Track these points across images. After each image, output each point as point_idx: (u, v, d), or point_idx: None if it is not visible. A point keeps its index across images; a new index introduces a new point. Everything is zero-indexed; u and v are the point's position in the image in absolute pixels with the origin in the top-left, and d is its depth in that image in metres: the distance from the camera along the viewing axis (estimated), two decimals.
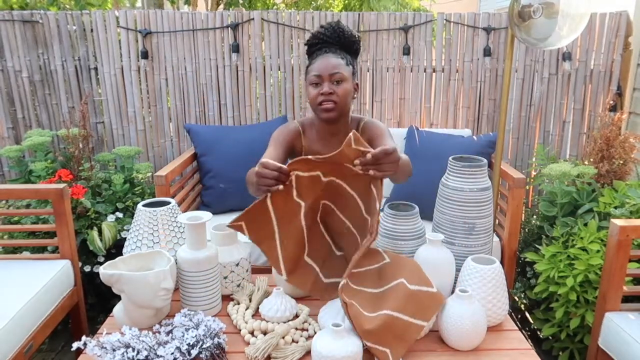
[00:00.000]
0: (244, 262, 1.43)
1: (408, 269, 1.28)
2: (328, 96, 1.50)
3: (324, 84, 1.50)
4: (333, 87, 1.51)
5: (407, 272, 1.26)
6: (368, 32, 2.74)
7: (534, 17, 1.83)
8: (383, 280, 1.29)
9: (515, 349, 1.22)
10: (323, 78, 1.51)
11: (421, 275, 1.25)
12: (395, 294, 1.22)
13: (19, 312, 1.56)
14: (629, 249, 1.56)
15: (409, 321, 1.17)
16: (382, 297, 1.23)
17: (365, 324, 1.14)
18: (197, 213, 1.35)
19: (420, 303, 1.20)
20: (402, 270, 1.28)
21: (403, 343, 1.16)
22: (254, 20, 2.72)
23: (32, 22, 2.73)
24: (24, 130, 2.86)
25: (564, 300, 1.80)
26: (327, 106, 1.50)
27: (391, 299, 1.21)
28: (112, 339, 1.09)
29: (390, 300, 1.20)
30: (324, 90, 1.50)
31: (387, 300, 1.21)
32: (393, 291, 1.23)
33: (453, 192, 1.40)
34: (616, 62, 2.68)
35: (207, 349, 1.12)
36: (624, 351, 1.49)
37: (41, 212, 1.96)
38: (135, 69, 2.78)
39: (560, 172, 2.06)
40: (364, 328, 1.13)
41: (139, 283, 1.20)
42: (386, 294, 1.24)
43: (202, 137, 2.50)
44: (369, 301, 1.23)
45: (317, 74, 1.51)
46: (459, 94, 2.82)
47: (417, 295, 1.21)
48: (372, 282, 1.31)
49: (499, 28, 2.70)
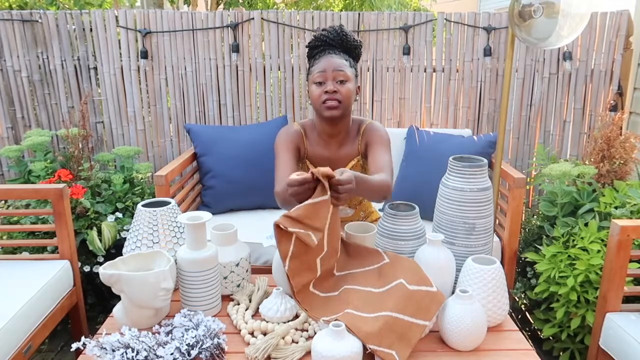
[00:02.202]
0: (244, 262, 1.42)
1: (407, 268, 1.27)
2: (332, 94, 1.50)
3: (328, 83, 1.51)
4: (337, 86, 1.51)
5: (407, 272, 1.26)
6: (368, 32, 2.73)
7: (534, 16, 1.83)
8: (383, 281, 1.28)
9: (515, 349, 1.21)
10: (327, 77, 1.51)
11: (421, 274, 1.25)
12: (395, 294, 1.21)
13: (18, 312, 1.55)
14: (629, 249, 1.55)
15: (410, 321, 1.17)
16: (382, 298, 1.23)
17: (365, 327, 1.13)
18: (197, 213, 1.34)
19: (421, 303, 1.20)
20: (401, 270, 1.28)
21: (407, 343, 1.15)
22: (254, 20, 2.72)
23: (31, 22, 2.72)
24: (23, 130, 2.86)
25: (565, 300, 1.80)
26: (331, 104, 1.50)
27: (391, 299, 1.20)
28: (111, 340, 1.09)
29: (390, 301, 1.20)
30: (328, 88, 1.50)
31: (387, 301, 1.21)
32: (393, 292, 1.23)
33: (453, 192, 1.40)
34: (617, 62, 2.68)
35: (207, 350, 1.12)
36: (624, 351, 1.49)
37: (41, 212, 1.95)
38: (135, 69, 2.77)
39: (561, 172, 2.06)
40: (364, 330, 1.12)
41: (139, 283, 1.20)
42: (386, 294, 1.23)
43: (202, 137, 2.50)
44: (368, 301, 1.23)
45: (322, 72, 1.51)
46: (459, 94, 2.82)
47: (417, 295, 1.20)
48: (372, 282, 1.30)
49: (499, 28, 2.69)
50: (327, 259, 1.34)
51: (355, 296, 1.26)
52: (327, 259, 1.33)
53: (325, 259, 1.33)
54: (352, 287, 1.31)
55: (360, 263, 1.38)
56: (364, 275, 1.34)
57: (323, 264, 1.33)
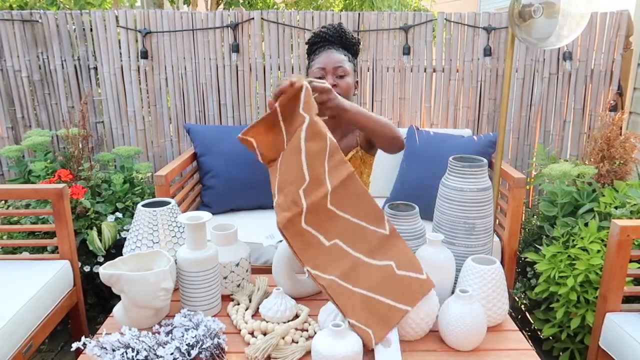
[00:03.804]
0: (244, 262, 1.42)
1: (400, 252, 1.24)
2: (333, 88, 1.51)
3: (328, 77, 1.53)
4: (337, 80, 1.53)
5: (399, 255, 1.24)
6: (368, 32, 2.73)
7: (534, 16, 1.83)
8: (374, 253, 1.24)
9: (515, 349, 1.21)
10: (327, 71, 1.53)
11: (413, 260, 1.23)
12: (380, 274, 1.21)
13: (18, 312, 1.56)
14: (629, 249, 1.55)
15: (391, 304, 1.17)
16: (368, 272, 1.22)
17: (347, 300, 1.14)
18: (197, 213, 1.34)
19: (407, 288, 1.19)
20: (394, 251, 1.24)
21: (385, 325, 1.15)
22: (254, 20, 2.72)
23: (31, 22, 2.72)
24: (23, 130, 2.86)
25: (565, 300, 1.80)
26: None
27: (375, 278, 1.20)
28: (111, 339, 1.09)
29: (374, 280, 1.19)
30: (328, 82, 1.51)
31: (372, 277, 1.20)
32: (379, 270, 1.22)
33: (453, 192, 1.40)
34: (617, 62, 2.68)
35: (207, 349, 1.12)
36: (624, 352, 1.49)
37: (41, 212, 1.95)
38: (135, 69, 2.77)
39: (561, 172, 2.06)
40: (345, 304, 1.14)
41: (139, 283, 1.20)
42: (373, 269, 1.22)
43: (202, 137, 2.50)
44: (355, 269, 1.20)
45: (322, 66, 1.53)
46: (459, 94, 2.82)
47: (404, 280, 1.20)
48: (363, 246, 1.24)
49: (499, 28, 2.69)
50: (312, 190, 1.23)
51: (345, 259, 1.22)
52: (311, 190, 1.23)
53: (310, 190, 1.23)
54: (343, 247, 1.24)
55: (359, 214, 1.26)
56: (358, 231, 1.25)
57: (308, 196, 1.23)
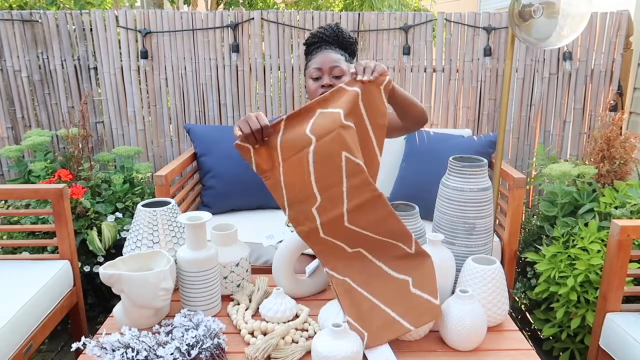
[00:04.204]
0: (244, 262, 1.42)
1: (423, 271, 1.22)
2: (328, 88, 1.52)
3: (324, 77, 1.54)
4: (333, 80, 1.54)
5: (420, 274, 1.22)
6: (368, 32, 2.73)
7: (534, 16, 1.83)
8: (396, 265, 1.24)
9: (515, 349, 1.21)
10: (323, 71, 1.54)
11: (432, 284, 1.19)
12: (393, 287, 1.21)
13: (18, 312, 1.55)
14: (629, 249, 1.55)
15: (395, 319, 1.17)
16: (385, 282, 1.21)
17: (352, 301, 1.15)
18: (197, 213, 1.34)
19: (416, 307, 1.18)
20: (417, 269, 1.22)
21: (382, 335, 1.16)
22: (254, 20, 2.72)
23: (31, 22, 2.72)
24: (23, 130, 2.86)
25: (565, 300, 1.80)
26: None
27: (387, 289, 1.20)
28: (111, 339, 1.09)
29: (385, 290, 1.19)
30: (324, 82, 1.53)
31: (383, 288, 1.20)
32: (394, 283, 1.22)
33: (453, 192, 1.40)
34: (617, 62, 2.68)
35: (207, 349, 1.12)
36: (624, 352, 1.49)
37: (41, 212, 1.95)
38: (135, 69, 2.77)
39: (561, 172, 2.06)
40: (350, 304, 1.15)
41: (139, 283, 1.20)
42: (388, 280, 1.22)
43: (202, 137, 2.50)
44: (373, 277, 1.21)
45: (318, 67, 1.55)
46: (459, 94, 2.82)
47: (416, 299, 1.19)
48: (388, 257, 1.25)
49: (499, 28, 2.69)
50: (326, 209, 1.23)
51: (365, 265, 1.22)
52: (325, 209, 1.23)
53: (323, 209, 1.23)
54: (367, 255, 1.25)
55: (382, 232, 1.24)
56: (381, 244, 1.24)
57: (322, 214, 1.23)
